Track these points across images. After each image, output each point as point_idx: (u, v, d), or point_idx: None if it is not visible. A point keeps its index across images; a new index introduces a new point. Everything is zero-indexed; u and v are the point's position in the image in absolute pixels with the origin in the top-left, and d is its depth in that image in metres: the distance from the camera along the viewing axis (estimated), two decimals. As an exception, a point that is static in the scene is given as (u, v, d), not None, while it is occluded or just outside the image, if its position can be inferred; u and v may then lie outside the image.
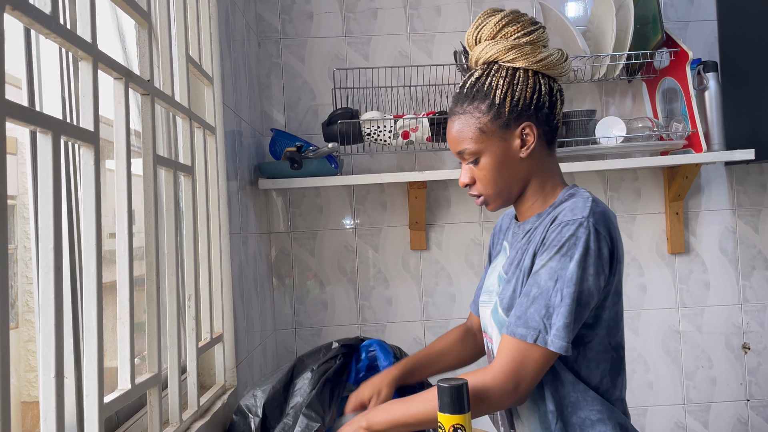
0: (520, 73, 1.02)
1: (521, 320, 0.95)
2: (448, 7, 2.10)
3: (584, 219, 0.95)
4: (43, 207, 0.70)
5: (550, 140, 1.06)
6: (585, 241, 0.94)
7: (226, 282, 1.40)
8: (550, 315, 0.93)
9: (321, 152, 1.79)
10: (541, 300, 0.94)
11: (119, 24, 1.21)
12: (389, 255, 2.07)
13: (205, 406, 1.21)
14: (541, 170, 1.06)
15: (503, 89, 1.02)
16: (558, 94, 1.05)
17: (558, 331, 0.92)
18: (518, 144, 1.03)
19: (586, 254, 0.93)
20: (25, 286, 0.92)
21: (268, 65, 2.07)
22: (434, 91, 2.06)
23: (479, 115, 1.03)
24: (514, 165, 1.04)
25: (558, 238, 0.96)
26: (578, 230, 0.94)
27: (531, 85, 1.02)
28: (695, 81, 1.96)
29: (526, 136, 1.03)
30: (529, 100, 1.02)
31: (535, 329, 0.93)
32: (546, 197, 1.07)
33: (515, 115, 1.02)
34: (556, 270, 0.94)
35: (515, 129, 1.02)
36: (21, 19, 0.65)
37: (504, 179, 1.05)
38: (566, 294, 0.93)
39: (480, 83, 1.04)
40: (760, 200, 2.14)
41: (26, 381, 0.93)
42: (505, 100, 1.01)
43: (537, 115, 1.03)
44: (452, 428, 0.95)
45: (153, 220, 0.99)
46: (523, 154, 1.03)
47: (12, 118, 0.62)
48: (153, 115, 1.01)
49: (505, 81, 1.02)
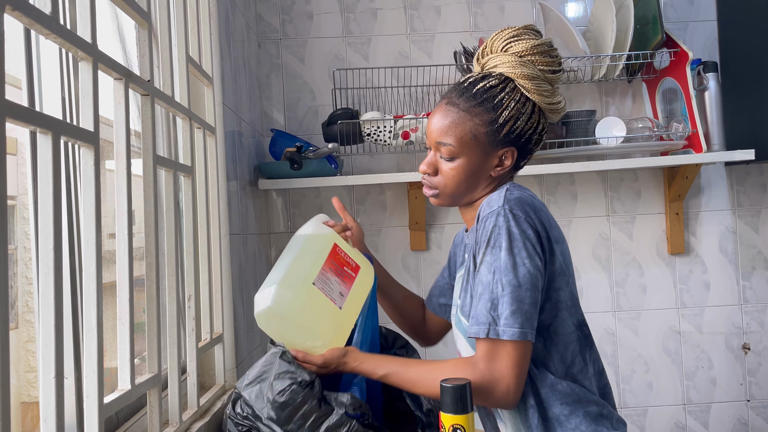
0: (530, 105, 1.05)
1: (473, 319, 0.97)
2: (448, 8, 2.10)
3: (500, 208, 0.97)
4: (42, 207, 0.70)
5: (517, 166, 1.10)
6: (507, 228, 0.96)
7: (226, 282, 1.40)
8: (495, 306, 0.95)
9: (321, 152, 1.79)
10: (486, 294, 0.96)
11: (119, 24, 1.21)
12: (389, 255, 2.07)
13: (205, 406, 1.21)
14: (498, 186, 1.09)
15: (511, 113, 1.03)
16: (543, 133, 1.09)
17: (506, 319, 0.93)
18: (495, 163, 1.06)
19: (510, 240, 0.95)
20: (25, 287, 0.92)
21: (268, 65, 2.07)
22: (434, 92, 2.06)
23: (479, 122, 1.04)
24: (482, 178, 1.07)
25: (484, 233, 0.98)
26: (497, 219, 0.97)
27: (534, 121, 1.05)
28: (695, 81, 1.96)
29: (504, 160, 1.06)
30: (525, 133, 1.05)
31: (485, 324, 0.95)
32: None
33: (508, 140, 1.05)
34: (491, 263, 0.96)
35: (500, 149, 1.05)
36: (21, 19, 0.65)
37: (467, 185, 1.07)
38: (505, 282, 0.94)
39: (491, 94, 1.04)
40: (760, 200, 2.14)
41: (26, 381, 0.93)
42: (507, 123, 1.04)
43: (524, 146, 1.07)
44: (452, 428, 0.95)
45: (153, 221, 0.99)
46: (494, 173, 1.07)
47: (12, 119, 0.62)
48: (153, 115, 1.01)
49: (515, 106, 1.04)
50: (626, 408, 2.07)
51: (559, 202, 2.10)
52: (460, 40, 2.06)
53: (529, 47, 1.04)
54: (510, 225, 0.96)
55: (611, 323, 2.10)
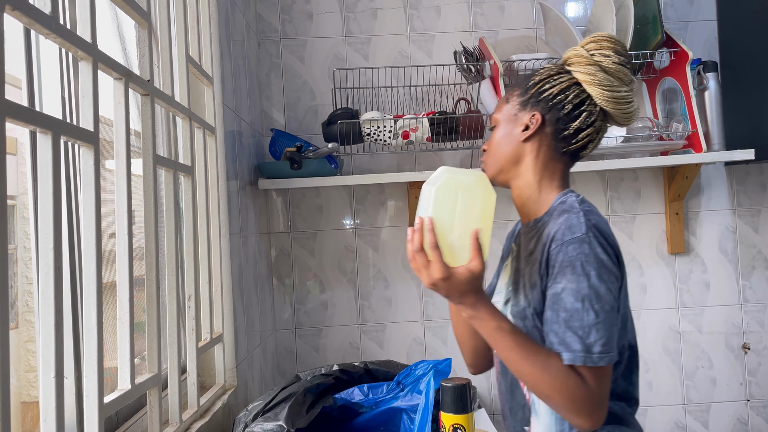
0: (566, 75, 1.08)
1: (563, 345, 0.95)
2: (448, 8, 2.10)
3: (584, 235, 0.97)
4: (42, 207, 0.70)
5: (557, 148, 1.08)
6: (594, 256, 0.96)
7: (226, 282, 1.39)
8: (587, 335, 0.94)
9: (321, 152, 1.79)
10: (575, 322, 0.95)
11: (119, 24, 1.21)
12: (389, 255, 2.07)
13: (205, 406, 1.21)
14: (537, 166, 1.09)
15: (543, 77, 1.09)
16: (585, 115, 1.06)
17: (602, 346, 0.94)
18: (522, 127, 1.09)
19: (599, 268, 0.96)
20: (25, 287, 0.92)
21: (268, 65, 2.06)
22: (434, 91, 2.06)
23: (516, 90, 1.12)
24: (513, 143, 1.09)
25: (566, 259, 0.97)
26: (583, 247, 0.96)
27: (563, 86, 1.07)
28: (695, 81, 1.96)
29: (531, 123, 1.08)
30: (552, 95, 1.07)
31: (579, 352, 0.94)
32: (540, 197, 1.09)
33: (534, 101, 1.08)
34: (577, 291, 0.95)
35: (528, 112, 1.08)
36: (21, 19, 0.65)
37: (502, 152, 1.11)
38: (598, 309, 0.94)
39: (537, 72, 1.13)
40: (760, 200, 2.14)
41: (26, 381, 0.93)
42: (536, 84, 1.09)
43: (550, 111, 1.07)
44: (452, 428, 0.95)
45: (153, 220, 0.99)
46: (521, 137, 1.08)
47: (12, 118, 0.62)
48: (153, 115, 1.01)
49: (549, 74, 1.09)
50: (626, 408, 2.07)
51: (559, 202, 2.10)
52: (460, 39, 2.06)
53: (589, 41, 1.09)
54: (597, 253, 0.96)
55: (611, 323, 2.10)
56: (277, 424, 1.11)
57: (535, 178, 1.09)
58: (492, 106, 1.88)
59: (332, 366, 1.41)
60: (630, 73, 1.08)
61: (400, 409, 1.28)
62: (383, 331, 2.05)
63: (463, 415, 0.94)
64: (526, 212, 1.12)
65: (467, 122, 1.86)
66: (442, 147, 1.96)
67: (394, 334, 2.05)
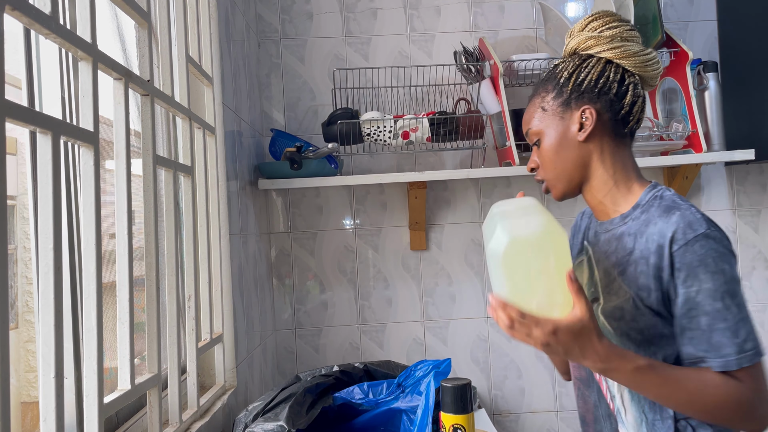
0: (592, 59, 1.03)
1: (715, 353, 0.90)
2: (448, 8, 2.10)
3: (708, 230, 0.92)
4: (42, 207, 0.70)
5: (617, 131, 1.03)
6: (725, 249, 0.92)
7: (226, 282, 1.39)
8: (736, 333, 0.89)
9: (321, 152, 1.79)
10: (720, 323, 0.90)
11: (119, 24, 1.21)
12: (389, 255, 2.07)
13: (205, 406, 1.21)
14: (607, 160, 1.03)
15: (570, 71, 1.03)
16: (630, 87, 1.02)
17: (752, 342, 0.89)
18: (577, 127, 1.02)
19: (730, 262, 0.92)
20: (25, 287, 0.92)
21: (268, 65, 2.06)
22: (434, 92, 2.06)
23: (545, 94, 1.05)
24: (572, 147, 1.02)
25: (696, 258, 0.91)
26: (709, 242, 0.91)
27: (599, 70, 1.01)
28: (695, 81, 1.96)
29: (585, 119, 1.01)
30: (593, 82, 1.01)
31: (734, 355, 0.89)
32: (619, 190, 1.03)
33: (576, 96, 1.02)
34: (715, 290, 0.90)
35: (575, 111, 1.02)
36: (21, 19, 0.65)
37: (562, 162, 1.03)
38: (736, 303, 0.90)
39: (555, 69, 1.06)
40: (760, 200, 2.14)
41: (26, 381, 0.93)
42: (569, 80, 1.03)
43: (600, 99, 1.01)
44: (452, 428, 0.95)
45: (153, 221, 0.99)
46: (580, 138, 1.01)
47: (12, 119, 0.62)
48: (153, 115, 1.01)
49: (575, 64, 1.03)
50: (626, 408, 2.07)
51: (559, 203, 2.10)
52: (460, 39, 2.06)
53: (584, 21, 1.05)
54: (726, 245, 0.92)
55: (611, 323, 2.10)
56: (278, 425, 1.11)
57: (608, 174, 1.03)
58: (492, 106, 1.88)
59: (332, 367, 1.41)
60: (635, 31, 1.04)
61: (400, 410, 1.28)
62: (383, 332, 2.05)
63: (463, 416, 0.94)
64: (603, 210, 1.05)
65: (467, 122, 1.86)
66: (442, 147, 1.96)
67: (394, 334, 2.05)
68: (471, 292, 2.07)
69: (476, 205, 2.08)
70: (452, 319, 2.05)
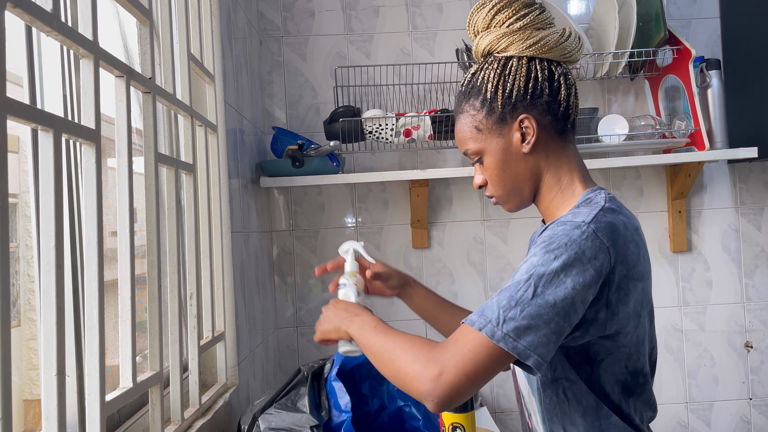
0: (513, 61, 0.94)
1: (480, 308, 0.83)
2: (449, 5, 2.10)
3: (584, 223, 0.85)
4: (44, 205, 0.70)
5: (560, 130, 0.96)
6: (578, 246, 0.82)
7: (227, 280, 1.39)
8: (510, 307, 0.80)
9: (323, 150, 1.79)
10: (507, 291, 0.82)
11: (120, 22, 1.21)
12: (391, 253, 2.07)
13: (206, 404, 1.21)
14: (553, 165, 0.97)
15: (494, 81, 0.94)
16: (561, 79, 0.95)
17: (518, 329, 0.79)
18: (518, 138, 0.95)
19: (576, 259, 0.82)
20: (27, 285, 0.92)
21: (270, 63, 2.06)
22: (436, 89, 2.05)
23: (474, 112, 0.97)
24: (518, 162, 0.96)
25: (549, 235, 0.85)
26: (573, 232, 0.84)
27: (524, 73, 0.93)
28: (698, 79, 1.95)
29: (526, 129, 0.94)
30: (523, 89, 0.93)
31: (487, 319, 0.81)
32: (564, 195, 0.97)
33: (510, 108, 0.94)
34: (535, 265, 0.82)
35: (512, 123, 0.94)
36: (22, 16, 0.65)
37: (510, 178, 0.97)
38: (540, 293, 0.80)
39: (475, 78, 0.98)
40: (763, 198, 2.13)
41: (28, 379, 0.93)
42: (496, 93, 0.94)
43: (535, 104, 0.94)
44: (451, 426, 0.95)
45: (154, 219, 0.99)
46: (525, 150, 0.95)
47: (13, 116, 0.62)
48: (154, 113, 1.01)
49: (496, 72, 0.94)
50: (628, 406, 2.07)
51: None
52: (462, 37, 2.05)
53: (488, 16, 0.96)
54: (584, 245, 0.82)
55: (613, 321, 2.10)
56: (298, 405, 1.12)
57: (554, 180, 0.97)
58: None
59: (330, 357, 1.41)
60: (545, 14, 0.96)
61: None
62: (385, 330, 2.05)
63: (462, 414, 0.94)
64: (548, 214, 1.00)
65: (469, 120, 1.86)
66: (444, 145, 1.96)
67: (395, 332, 2.05)
68: (473, 289, 2.06)
69: (478, 203, 2.08)
70: (454, 317, 2.05)
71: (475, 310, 0.85)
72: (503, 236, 2.07)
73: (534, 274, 0.82)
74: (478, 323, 0.81)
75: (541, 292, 0.80)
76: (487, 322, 0.80)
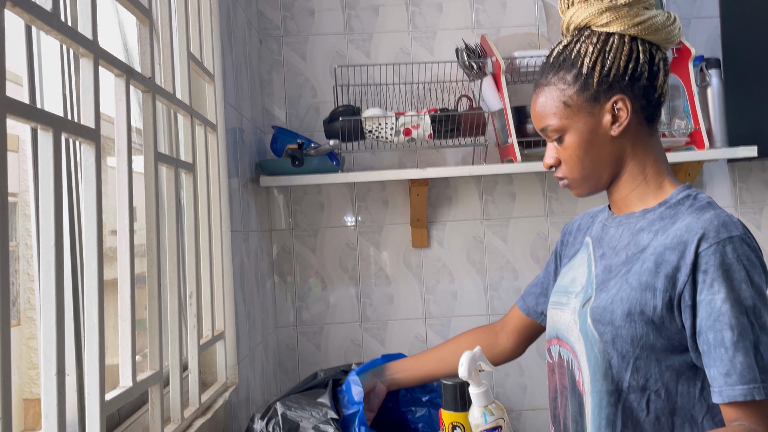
0: (614, 38, 0.90)
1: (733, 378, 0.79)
2: (449, 4, 2.10)
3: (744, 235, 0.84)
4: (44, 204, 0.70)
5: (650, 117, 0.93)
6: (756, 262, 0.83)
7: (227, 279, 1.40)
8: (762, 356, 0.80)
9: (322, 149, 1.79)
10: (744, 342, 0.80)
11: (120, 21, 1.21)
12: (391, 252, 2.07)
13: (206, 403, 1.21)
14: (639, 152, 0.93)
15: (592, 57, 0.90)
16: (661, 64, 0.92)
17: None
18: (609, 120, 0.91)
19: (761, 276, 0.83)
20: (27, 284, 0.92)
21: (270, 62, 2.06)
22: (436, 89, 2.05)
23: (564, 86, 0.92)
24: (604, 145, 0.92)
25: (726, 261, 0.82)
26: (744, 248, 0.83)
27: (626, 53, 0.89)
28: (698, 78, 1.95)
29: (619, 111, 0.90)
30: (623, 69, 0.89)
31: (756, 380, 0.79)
32: (649, 186, 0.95)
33: (606, 87, 0.90)
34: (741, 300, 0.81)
35: (606, 103, 0.90)
36: (22, 15, 0.65)
37: (591, 161, 0.93)
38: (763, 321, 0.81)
39: (568, 51, 0.93)
40: (762, 198, 2.13)
41: (28, 378, 0.94)
42: (594, 69, 0.90)
43: (633, 87, 0.90)
44: (451, 425, 0.95)
45: (154, 218, 0.99)
46: (614, 132, 0.91)
47: (13, 115, 0.62)
48: (154, 112, 1.01)
49: (596, 47, 0.90)
50: (628, 405, 2.07)
51: (561, 200, 2.10)
52: (462, 36, 2.05)
53: None
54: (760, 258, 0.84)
55: (613, 320, 2.10)
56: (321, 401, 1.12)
57: (639, 168, 0.94)
58: (494, 103, 1.87)
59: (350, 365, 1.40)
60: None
61: None
62: (385, 329, 2.05)
63: (462, 413, 0.94)
64: (626, 204, 0.97)
65: (469, 119, 1.86)
66: (444, 144, 1.96)
67: (395, 331, 2.05)
68: (472, 289, 2.06)
69: (478, 202, 2.08)
70: (454, 317, 2.05)
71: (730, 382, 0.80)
72: (503, 236, 2.07)
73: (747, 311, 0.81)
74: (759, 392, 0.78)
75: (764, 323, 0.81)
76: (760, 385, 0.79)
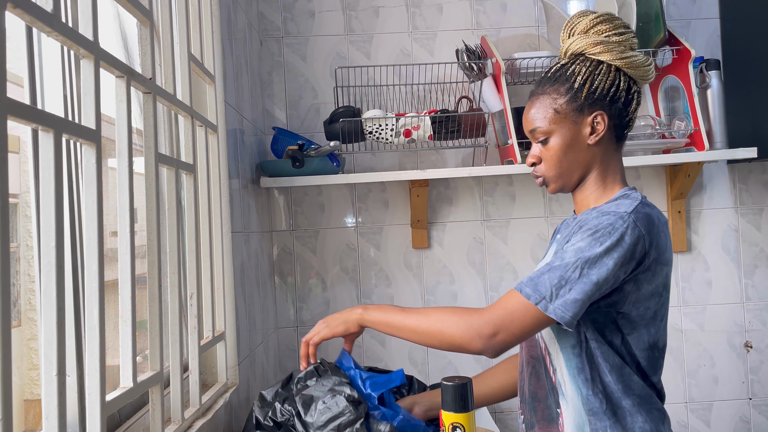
0: (603, 66, 1.09)
1: (532, 282, 1.00)
2: (450, 6, 2.10)
3: (626, 213, 1.00)
4: (44, 205, 0.70)
5: (619, 136, 1.12)
6: (621, 234, 0.98)
7: (228, 280, 1.40)
8: (561, 286, 0.98)
9: (323, 150, 1.79)
10: (558, 271, 0.99)
11: (121, 22, 1.21)
12: (391, 253, 2.07)
13: (207, 404, 1.21)
14: (605, 162, 1.11)
15: (584, 76, 1.09)
16: (635, 95, 1.11)
17: (565, 303, 0.97)
18: (588, 131, 1.09)
19: (617, 244, 0.98)
20: (28, 285, 0.93)
21: (270, 63, 2.06)
22: (436, 90, 2.05)
23: (557, 96, 1.10)
24: (580, 150, 1.10)
25: (594, 222, 1.01)
26: (617, 221, 0.99)
27: (611, 79, 1.08)
28: (698, 79, 1.95)
29: (597, 125, 1.09)
30: (606, 91, 1.08)
31: (541, 294, 0.98)
32: (604, 190, 1.12)
33: (590, 102, 1.08)
34: (582, 249, 0.99)
35: (588, 116, 1.09)
36: (23, 17, 0.65)
37: (568, 162, 1.11)
38: (585, 273, 0.98)
39: (564, 69, 1.11)
40: (762, 198, 2.13)
41: (29, 379, 0.94)
42: (583, 86, 1.08)
43: (611, 107, 1.09)
44: (451, 426, 0.95)
45: (155, 219, 0.99)
46: (591, 141, 1.09)
47: (14, 116, 0.62)
48: (155, 113, 1.01)
49: (588, 69, 1.09)
50: (628, 406, 2.07)
51: (561, 200, 2.10)
52: (462, 37, 2.06)
53: (590, 23, 1.10)
54: (625, 234, 0.99)
55: (613, 321, 2.10)
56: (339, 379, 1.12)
57: (602, 176, 1.12)
58: (494, 104, 1.87)
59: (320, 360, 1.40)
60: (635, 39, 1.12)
61: None
62: (385, 330, 2.05)
63: (462, 414, 0.95)
64: (584, 204, 1.14)
65: (469, 120, 1.86)
66: (444, 145, 1.96)
67: (395, 332, 2.05)
68: (473, 290, 2.07)
69: (478, 203, 2.08)
70: (454, 318, 2.05)
71: (524, 280, 1.02)
72: (503, 236, 2.07)
73: (581, 258, 0.99)
74: (534, 297, 0.99)
75: (586, 273, 0.98)
76: (541, 298, 0.99)
